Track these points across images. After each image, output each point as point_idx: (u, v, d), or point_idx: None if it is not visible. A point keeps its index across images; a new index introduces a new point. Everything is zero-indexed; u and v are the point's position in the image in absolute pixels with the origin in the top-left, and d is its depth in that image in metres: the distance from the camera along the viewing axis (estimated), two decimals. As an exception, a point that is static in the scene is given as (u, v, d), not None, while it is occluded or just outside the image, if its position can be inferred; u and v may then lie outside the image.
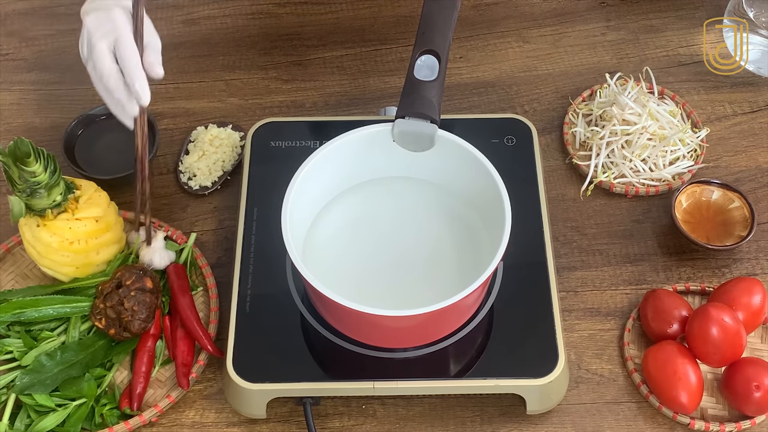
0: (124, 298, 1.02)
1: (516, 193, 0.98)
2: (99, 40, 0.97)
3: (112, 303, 1.02)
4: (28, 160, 0.98)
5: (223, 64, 1.34)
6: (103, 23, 0.97)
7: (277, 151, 1.16)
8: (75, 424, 0.99)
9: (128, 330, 1.03)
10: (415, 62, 1.00)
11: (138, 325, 1.02)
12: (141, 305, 1.02)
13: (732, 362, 1.01)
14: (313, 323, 1.02)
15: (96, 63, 0.97)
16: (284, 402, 1.03)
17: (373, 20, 1.39)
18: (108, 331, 1.03)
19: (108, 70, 0.97)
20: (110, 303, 1.03)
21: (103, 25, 0.97)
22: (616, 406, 1.04)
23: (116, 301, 1.02)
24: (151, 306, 1.03)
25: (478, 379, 0.99)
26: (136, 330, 1.03)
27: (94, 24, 0.98)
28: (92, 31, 0.98)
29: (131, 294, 1.02)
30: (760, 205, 1.18)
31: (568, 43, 1.36)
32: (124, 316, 1.02)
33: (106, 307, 1.03)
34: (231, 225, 1.17)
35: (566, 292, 1.12)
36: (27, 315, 1.04)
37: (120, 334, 1.03)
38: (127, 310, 1.02)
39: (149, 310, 1.03)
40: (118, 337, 1.03)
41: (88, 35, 0.98)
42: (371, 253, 1.04)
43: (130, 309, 1.02)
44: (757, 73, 1.31)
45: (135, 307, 1.02)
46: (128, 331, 1.03)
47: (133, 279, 1.04)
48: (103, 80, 0.98)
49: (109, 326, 1.03)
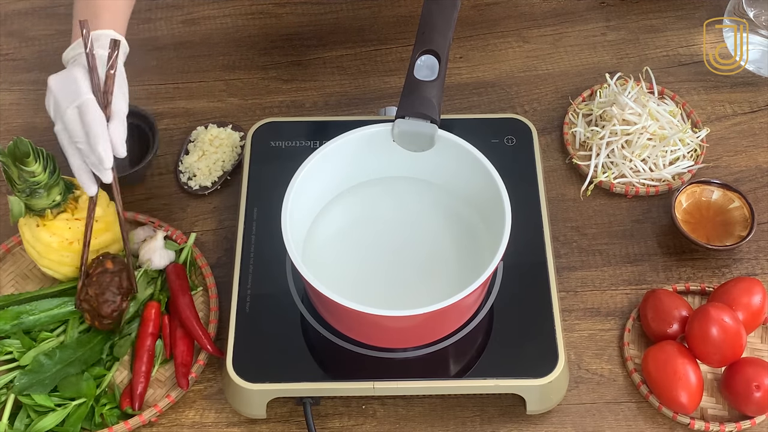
0: (88, 287, 1.03)
1: (516, 193, 0.98)
2: (67, 108, 0.95)
3: (84, 295, 1.03)
4: (27, 160, 0.98)
5: (223, 64, 1.34)
6: (67, 85, 0.96)
7: (277, 151, 1.16)
8: (75, 423, 0.99)
9: (102, 316, 1.03)
10: (415, 62, 1.00)
11: (107, 307, 1.02)
12: (104, 288, 1.03)
13: (732, 362, 1.01)
14: (313, 323, 1.02)
15: (68, 126, 0.95)
16: (284, 402, 1.03)
17: (373, 20, 1.39)
18: (93, 324, 1.04)
19: (79, 133, 0.95)
20: (83, 296, 1.04)
21: (67, 87, 0.96)
22: (616, 406, 1.04)
23: (85, 293, 1.03)
24: (115, 285, 1.03)
25: (478, 379, 0.99)
26: (108, 313, 1.02)
27: (57, 86, 0.96)
28: (57, 95, 0.96)
29: (93, 280, 1.03)
30: (760, 205, 1.18)
31: (568, 43, 1.36)
32: (93, 303, 1.02)
33: (82, 302, 1.04)
34: (231, 225, 1.17)
35: (566, 292, 1.12)
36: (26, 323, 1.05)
37: (101, 323, 1.03)
38: (92, 296, 1.02)
39: (116, 290, 1.03)
40: (101, 326, 1.04)
41: (55, 100, 0.97)
42: (371, 253, 1.04)
43: (94, 295, 1.02)
44: (757, 73, 1.31)
45: (97, 291, 1.02)
46: (104, 317, 1.03)
47: (94, 265, 1.04)
48: (75, 141, 0.96)
49: (92, 319, 1.04)
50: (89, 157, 0.95)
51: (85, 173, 0.98)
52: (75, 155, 0.97)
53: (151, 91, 1.30)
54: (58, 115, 0.96)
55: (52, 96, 0.97)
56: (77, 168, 0.97)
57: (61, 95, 0.96)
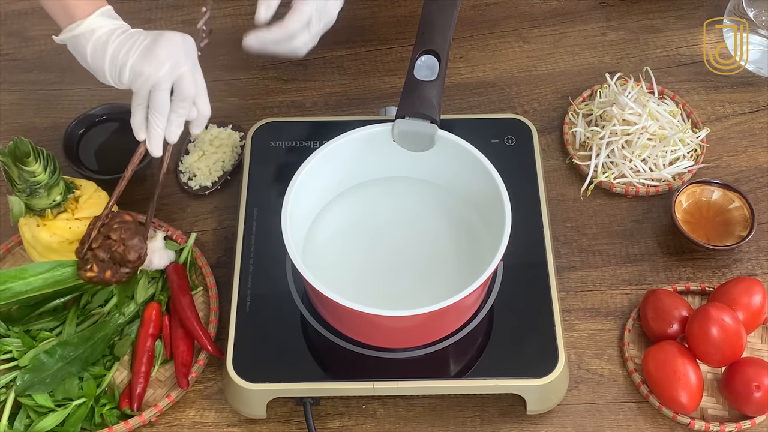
0: (109, 232, 0.97)
1: (516, 193, 0.98)
2: (165, 76, 0.96)
3: (99, 243, 0.97)
4: (27, 159, 0.98)
5: (223, 64, 1.34)
6: (173, 54, 0.96)
7: (277, 151, 1.16)
8: (75, 424, 0.99)
9: (125, 261, 0.97)
10: (415, 62, 1.00)
11: (134, 252, 0.97)
12: (130, 231, 0.97)
13: (732, 362, 1.01)
14: (313, 323, 1.02)
15: (157, 94, 0.96)
16: (284, 402, 1.03)
17: (373, 20, 1.39)
18: (104, 277, 0.98)
19: (164, 104, 0.97)
20: (96, 244, 0.97)
21: (172, 57, 0.96)
22: (616, 406, 1.04)
23: (102, 240, 0.97)
24: (140, 232, 0.98)
25: (478, 379, 0.99)
26: (134, 258, 0.97)
27: (164, 53, 0.96)
28: (180, 49, 0.97)
29: (114, 227, 0.97)
30: (760, 205, 1.18)
31: (568, 43, 1.36)
32: (116, 248, 0.96)
33: (94, 252, 0.97)
34: (231, 225, 1.17)
35: (566, 292, 1.12)
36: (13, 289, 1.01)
37: (117, 272, 0.98)
38: (117, 241, 0.96)
39: (140, 235, 0.98)
40: (117, 277, 0.99)
41: (177, 55, 0.97)
42: (371, 253, 1.04)
43: (119, 238, 0.96)
44: (757, 73, 1.31)
45: (123, 234, 0.97)
46: (126, 264, 0.97)
47: (109, 217, 0.99)
48: (158, 111, 0.98)
49: (103, 271, 0.97)
50: (191, 114, 1.00)
51: (160, 136, 0.99)
52: (160, 116, 0.98)
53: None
54: (175, 71, 0.96)
55: (175, 48, 0.97)
56: (157, 129, 0.99)
57: (183, 51, 0.98)
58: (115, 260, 0.99)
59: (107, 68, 0.98)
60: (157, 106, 0.97)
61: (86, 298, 1.07)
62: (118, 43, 0.97)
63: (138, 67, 0.96)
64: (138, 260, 1.00)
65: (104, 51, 0.97)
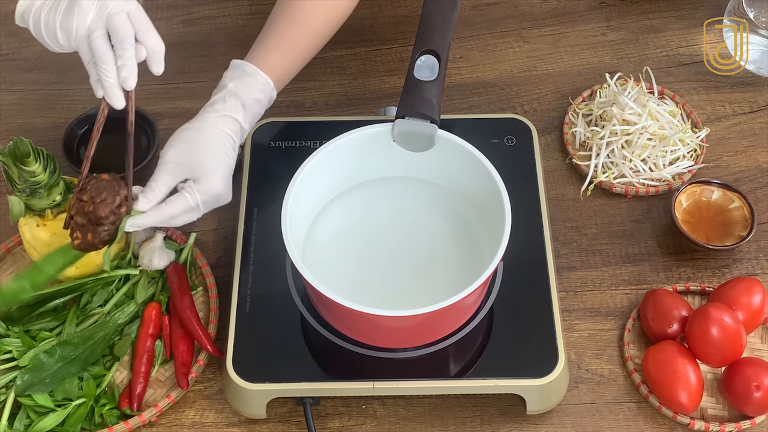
0: (82, 196, 0.95)
1: (516, 193, 0.98)
2: (94, 23, 0.94)
3: (76, 209, 0.95)
4: (27, 159, 0.98)
5: (223, 64, 1.34)
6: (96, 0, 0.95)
7: (277, 151, 1.16)
8: (74, 424, 0.99)
9: (99, 220, 0.94)
10: (415, 62, 1.00)
11: (104, 208, 0.94)
12: (100, 189, 0.95)
13: (732, 362, 1.01)
14: (313, 323, 1.02)
15: (93, 44, 0.95)
16: (284, 402, 1.03)
17: (373, 20, 1.39)
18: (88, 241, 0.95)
19: (104, 51, 0.95)
20: (74, 211, 0.95)
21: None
22: (616, 406, 1.04)
23: (78, 204, 0.95)
24: (113, 188, 0.95)
25: (478, 379, 0.99)
26: (106, 213, 0.94)
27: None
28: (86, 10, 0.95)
29: (87, 189, 0.95)
30: (760, 205, 1.18)
31: (568, 43, 1.36)
32: (89, 208, 0.94)
33: (74, 217, 0.95)
34: (231, 225, 1.17)
35: (566, 292, 1.12)
36: None
37: (95, 234, 0.95)
38: (87, 201, 0.94)
39: (111, 190, 0.95)
40: (99, 238, 0.95)
41: (82, 14, 0.95)
42: (371, 253, 1.04)
43: (89, 199, 0.94)
44: (757, 73, 1.31)
45: (93, 194, 0.94)
46: (101, 222, 0.94)
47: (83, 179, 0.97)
48: (101, 60, 0.95)
49: (85, 235, 0.95)
50: (140, 53, 0.96)
51: (116, 86, 0.96)
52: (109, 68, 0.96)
53: (151, 91, 1.30)
54: (101, 14, 0.94)
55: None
56: (108, 80, 0.96)
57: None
58: (92, 221, 0.95)
59: (45, 35, 0.97)
60: (98, 56, 0.95)
61: (86, 298, 1.07)
62: (47, 9, 0.96)
63: (66, 24, 0.94)
64: (111, 215, 0.94)
65: (39, 20, 0.96)
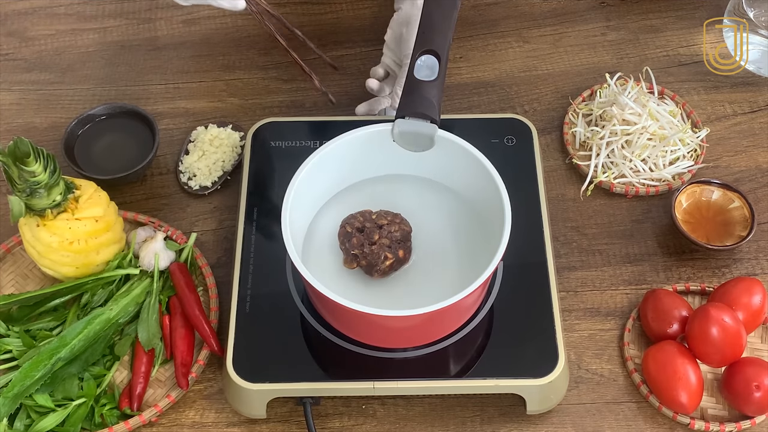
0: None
1: (516, 193, 0.98)
2: None
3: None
4: (27, 159, 0.98)
5: (223, 64, 1.34)
6: None
7: (277, 151, 1.16)
8: (75, 424, 0.99)
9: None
10: (415, 62, 1.00)
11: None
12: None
13: (732, 362, 1.01)
14: (313, 323, 1.02)
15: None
16: (284, 402, 1.03)
17: (373, 20, 1.39)
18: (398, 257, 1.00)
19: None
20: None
21: None
22: (616, 406, 1.04)
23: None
24: None
25: (478, 379, 0.99)
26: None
27: None
28: None
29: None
30: (760, 205, 1.18)
31: (568, 43, 1.36)
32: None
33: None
34: (231, 225, 1.17)
35: (566, 292, 1.12)
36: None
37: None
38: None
39: None
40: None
41: None
42: (371, 253, 1.04)
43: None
44: (757, 73, 1.31)
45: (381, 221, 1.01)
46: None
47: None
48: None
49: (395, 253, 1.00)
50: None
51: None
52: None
53: (151, 91, 1.30)
54: None
55: None
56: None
57: None
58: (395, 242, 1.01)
59: None
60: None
61: (86, 298, 1.07)
62: None
63: None
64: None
65: None
